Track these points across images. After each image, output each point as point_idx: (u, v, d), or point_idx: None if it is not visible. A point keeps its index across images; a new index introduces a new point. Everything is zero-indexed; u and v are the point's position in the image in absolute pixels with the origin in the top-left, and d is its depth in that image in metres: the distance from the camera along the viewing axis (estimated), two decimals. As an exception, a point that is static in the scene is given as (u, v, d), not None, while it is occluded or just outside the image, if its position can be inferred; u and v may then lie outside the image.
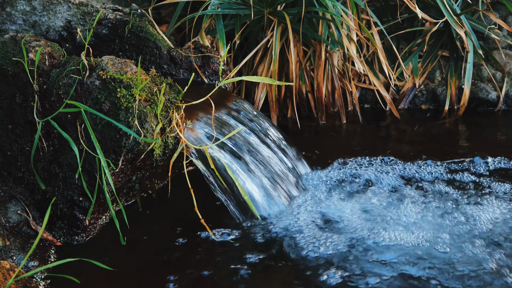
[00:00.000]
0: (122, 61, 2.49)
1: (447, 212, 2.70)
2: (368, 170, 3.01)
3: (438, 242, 2.52)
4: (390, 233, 2.58)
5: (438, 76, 3.71)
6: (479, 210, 2.70)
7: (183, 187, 2.88)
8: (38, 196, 2.60)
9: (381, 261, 2.45)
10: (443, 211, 2.70)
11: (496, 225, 2.63)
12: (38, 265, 2.42)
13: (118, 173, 2.49)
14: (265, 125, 2.96)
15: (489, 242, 2.52)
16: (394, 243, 2.53)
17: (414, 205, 2.74)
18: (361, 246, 2.53)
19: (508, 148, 3.23)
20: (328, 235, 2.59)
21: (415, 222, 2.64)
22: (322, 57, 3.42)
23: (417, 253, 2.48)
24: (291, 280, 2.42)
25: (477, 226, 2.62)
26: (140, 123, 2.41)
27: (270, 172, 2.81)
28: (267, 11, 3.39)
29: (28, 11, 3.05)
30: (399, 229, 2.60)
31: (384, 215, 2.70)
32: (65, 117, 2.47)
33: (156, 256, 2.55)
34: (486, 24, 3.64)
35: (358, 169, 3.03)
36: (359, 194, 2.86)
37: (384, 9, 3.67)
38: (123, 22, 3.03)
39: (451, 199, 2.79)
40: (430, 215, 2.68)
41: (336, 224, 2.67)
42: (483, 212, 2.69)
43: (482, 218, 2.66)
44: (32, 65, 2.51)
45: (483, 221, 2.64)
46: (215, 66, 3.03)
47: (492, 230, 2.60)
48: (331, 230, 2.64)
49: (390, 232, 2.58)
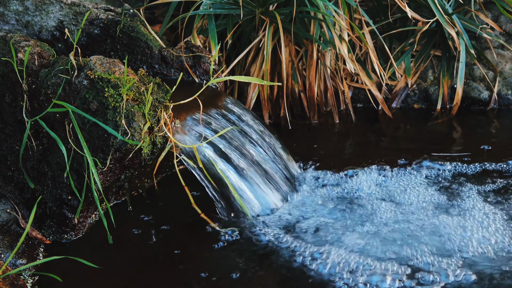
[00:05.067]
0: (111, 61, 2.51)
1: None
2: (360, 172, 3.03)
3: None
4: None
5: (430, 76, 3.72)
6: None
7: (173, 186, 2.90)
8: (28, 194, 2.62)
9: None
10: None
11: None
12: (26, 263, 2.44)
13: (106, 172, 2.51)
14: (255, 124, 2.97)
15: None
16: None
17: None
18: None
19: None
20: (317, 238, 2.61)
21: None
22: (314, 57, 3.43)
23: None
24: (283, 280, 2.44)
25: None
26: (128, 122, 2.43)
27: (260, 171, 2.82)
28: (259, 11, 3.41)
29: (21, 11, 3.07)
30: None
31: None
32: (54, 117, 2.49)
33: (144, 254, 2.57)
34: (478, 23, 3.65)
35: (350, 171, 3.04)
36: (349, 196, 2.87)
37: (377, 8, 3.68)
38: (115, 22, 3.05)
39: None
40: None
41: (325, 225, 2.68)
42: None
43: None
44: (21, 65, 2.53)
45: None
46: (206, 66, 3.04)
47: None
48: (320, 231, 2.65)
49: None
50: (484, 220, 2.63)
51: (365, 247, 2.53)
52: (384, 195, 2.87)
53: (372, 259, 2.44)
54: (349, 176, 3.00)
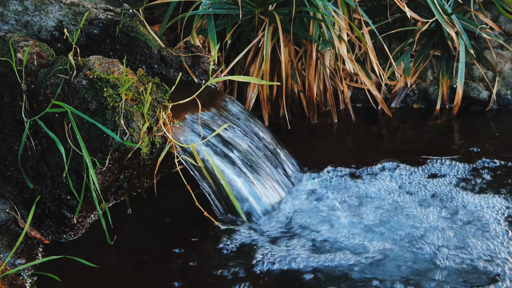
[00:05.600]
0: (110, 61, 2.52)
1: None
2: (357, 173, 3.03)
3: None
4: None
5: (429, 76, 3.72)
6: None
7: (171, 186, 2.90)
8: (27, 194, 2.62)
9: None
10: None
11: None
12: (25, 263, 2.45)
13: (105, 172, 2.51)
14: (254, 124, 2.97)
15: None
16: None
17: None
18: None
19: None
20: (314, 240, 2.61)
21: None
22: (313, 57, 3.43)
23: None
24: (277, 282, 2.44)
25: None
26: (127, 122, 2.43)
27: (258, 171, 2.82)
28: (258, 11, 3.41)
29: (20, 11, 3.07)
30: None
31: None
32: (53, 117, 2.50)
33: (143, 254, 2.57)
34: (477, 23, 3.65)
35: (349, 172, 3.04)
36: (348, 198, 2.87)
37: (377, 8, 3.68)
38: (114, 22, 3.05)
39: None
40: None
41: (323, 229, 2.68)
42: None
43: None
44: (20, 65, 2.53)
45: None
46: (205, 66, 3.05)
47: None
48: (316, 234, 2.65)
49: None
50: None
51: (365, 248, 2.54)
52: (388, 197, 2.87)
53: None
54: (349, 176, 3.00)
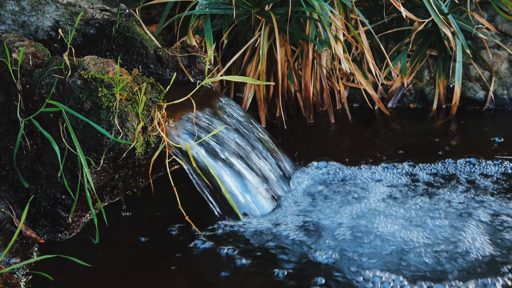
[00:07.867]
0: (104, 61, 2.52)
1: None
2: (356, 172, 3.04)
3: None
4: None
5: (426, 76, 3.73)
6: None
7: (167, 185, 2.90)
8: (22, 194, 2.63)
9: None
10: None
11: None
12: (20, 262, 2.45)
13: (100, 171, 2.52)
14: (250, 124, 2.98)
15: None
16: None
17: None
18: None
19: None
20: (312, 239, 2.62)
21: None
22: (309, 57, 3.44)
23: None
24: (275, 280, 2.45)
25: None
26: (121, 122, 2.44)
27: (254, 171, 2.83)
28: (255, 11, 3.42)
29: (17, 11, 3.08)
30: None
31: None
32: (48, 116, 2.50)
33: (138, 254, 2.58)
34: (474, 23, 3.66)
35: (345, 170, 3.04)
36: (343, 197, 2.87)
37: (373, 8, 3.69)
38: (111, 22, 3.06)
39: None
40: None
41: (320, 228, 2.68)
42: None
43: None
44: (15, 65, 2.54)
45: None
46: (201, 66, 3.05)
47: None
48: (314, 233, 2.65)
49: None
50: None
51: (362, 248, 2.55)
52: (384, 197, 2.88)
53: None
54: (345, 175, 3.01)
